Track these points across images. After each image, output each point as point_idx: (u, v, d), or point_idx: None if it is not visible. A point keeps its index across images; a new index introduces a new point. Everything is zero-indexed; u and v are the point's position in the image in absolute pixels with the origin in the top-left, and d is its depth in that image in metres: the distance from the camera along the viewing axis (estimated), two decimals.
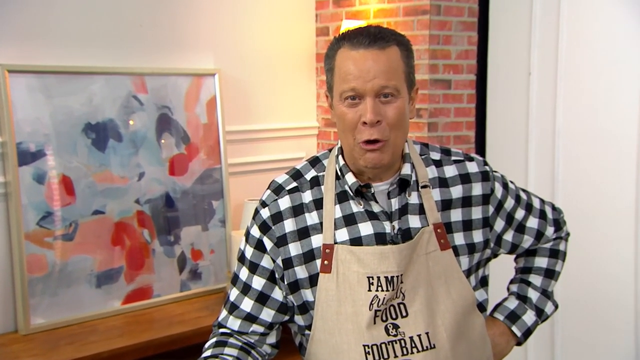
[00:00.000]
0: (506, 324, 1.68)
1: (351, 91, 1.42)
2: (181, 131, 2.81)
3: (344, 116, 1.45)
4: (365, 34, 1.44)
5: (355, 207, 1.50)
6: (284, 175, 1.58)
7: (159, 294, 2.72)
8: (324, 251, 1.48)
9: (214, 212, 2.90)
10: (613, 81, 2.73)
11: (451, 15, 2.97)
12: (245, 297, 1.55)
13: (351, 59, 1.43)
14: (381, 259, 1.47)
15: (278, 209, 1.52)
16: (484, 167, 1.61)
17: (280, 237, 1.51)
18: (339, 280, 1.47)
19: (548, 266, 1.75)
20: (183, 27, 2.90)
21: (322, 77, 3.34)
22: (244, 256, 1.57)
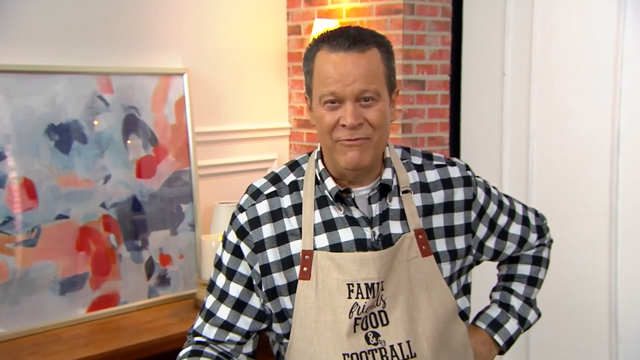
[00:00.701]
0: (488, 333, 1.66)
1: (331, 95, 1.40)
2: (149, 132, 2.75)
3: (322, 119, 1.42)
4: (345, 36, 1.41)
5: (335, 213, 1.48)
6: (262, 180, 1.56)
7: (125, 300, 2.64)
8: (303, 257, 1.46)
9: (183, 216, 2.83)
10: (587, 82, 2.73)
11: (424, 14, 2.95)
12: (222, 304, 1.52)
13: (330, 62, 1.40)
14: (361, 265, 1.44)
15: (256, 214, 1.49)
16: (466, 172, 1.59)
17: (258, 243, 1.48)
18: (318, 288, 1.45)
19: (531, 274, 1.74)
20: (150, 25, 2.83)
21: (294, 76, 3.30)
22: (221, 262, 1.53)
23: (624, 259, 2.68)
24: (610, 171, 2.68)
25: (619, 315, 2.70)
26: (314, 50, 1.44)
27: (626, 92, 2.63)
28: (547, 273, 2.77)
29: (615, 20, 2.63)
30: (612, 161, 2.67)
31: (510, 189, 2.94)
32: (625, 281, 2.68)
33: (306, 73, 1.47)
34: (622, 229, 2.67)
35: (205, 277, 2.67)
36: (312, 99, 1.47)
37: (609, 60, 2.65)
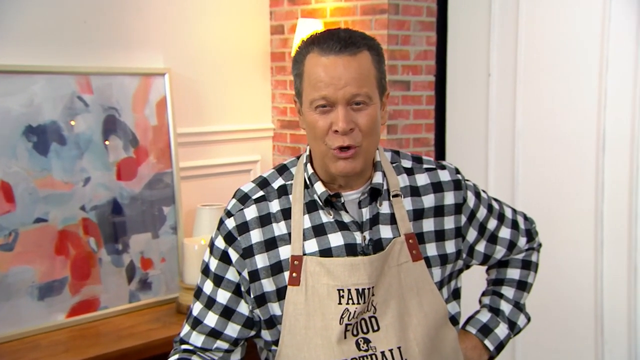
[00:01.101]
0: (479, 338, 1.65)
1: (322, 99, 1.38)
2: (129, 134, 2.71)
3: (314, 124, 1.40)
4: (336, 39, 1.39)
5: (324, 217, 1.46)
6: (250, 184, 1.54)
7: (106, 305, 2.60)
8: (292, 263, 1.44)
9: (165, 219, 2.79)
10: (572, 83, 2.73)
11: (409, 14, 2.94)
12: (210, 311, 1.49)
13: (321, 66, 1.38)
14: (352, 270, 1.42)
15: (244, 219, 1.47)
16: (456, 175, 1.58)
17: (247, 249, 1.46)
18: (307, 293, 1.43)
19: (520, 278, 1.73)
20: (130, 24, 2.79)
21: (277, 76, 3.27)
22: (208, 268, 1.51)
23: (609, 260, 2.68)
24: (595, 172, 2.68)
25: (604, 317, 2.70)
26: (304, 53, 1.42)
27: (611, 93, 2.63)
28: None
29: (600, 22, 2.64)
30: (597, 162, 2.68)
31: (496, 190, 2.93)
32: (610, 283, 2.69)
33: (296, 76, 1.45)
34: (607, 230, 2.68)
35: (188, 281, 2.64)
36: (302, 103, 1.44)
37: (594, 61, 2.66)
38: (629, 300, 2.64)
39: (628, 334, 2.66)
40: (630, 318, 2.65)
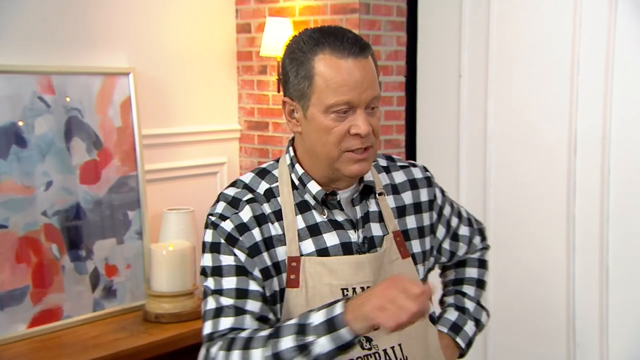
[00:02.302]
0: (450, 336, 1.69)
1: (345, 105, 1.38)
2: (93, 135, 2.65)
3: (329, 129, 1.39)
4: (348, 41, 1.38)
5: (318, 217, 1.47)
6: (234, 188, 1.49)
7: (69, 315, 2.54)
8: (289, 264, 1.42)
9: (130, 224, 2.74)
10: (544, 84, 2.77)
11: (380, 14, 2.94)
12: (248, 299, 1.41)
13: (343, 69, 1.37)
14: (357, 268, 1.44)
15: (241, 221, 1.43)
16: (425, 172, 1.65)
17: (252, 247, 1.42)
18: (308, 295, 1.42)
19: (479, 276, 1.80)
20: (92, 22, 2.73)
21: (244, 76, 3.24)
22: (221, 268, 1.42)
23: (581, 262, 2.72)
24: (567, 174, 2.72)
25: (576, 319, 2.75)
26: (310, 53, 1.39)
27: (583, 95, 2.67)
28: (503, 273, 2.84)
29: (572, 23, 2.68)
30: (569, 163, 2.72)
31: (468, 192, 2.96)
32: (582, 285, 2.73)
33: (302, 78, 1.40)
34: (579, 232, 2.72)
35: (156, 288, 2.60)
36: (307, 106, 1.41)
37: (566, 63, 2.70)
38: (601, 302, 2.69)
39: (600, 337, 2.71)
40: (602, 321, 2.70)
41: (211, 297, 1.43)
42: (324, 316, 1.29)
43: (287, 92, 1.45)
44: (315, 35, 1.41)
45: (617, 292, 2.67)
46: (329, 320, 1.28)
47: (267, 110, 3.18)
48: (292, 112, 1.45)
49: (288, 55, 1.44)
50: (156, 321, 2.55)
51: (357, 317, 1.27)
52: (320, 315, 1.30)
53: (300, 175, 1.47)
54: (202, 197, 3.12)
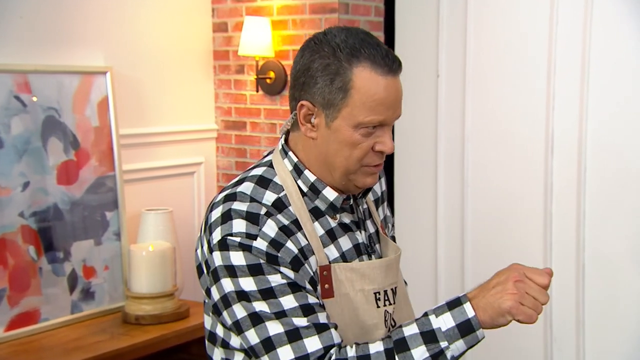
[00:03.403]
0: None
1: (378, 123, 1.34)
2: (70, 135, 2.63)
3: (356, 144, 1.34)
4: (386, 53, 1.33)
5: (331, 222, 1.43)
6: (241, 203, 1.35)
7: (47, 317, 2.52)
8: (321, 274, 1.36)
9: (108, 224, 2.73)
10: (521, 85, 2.82)
11: (359, 14, 2.97)
12: (317, 314, 1.31)
13: (382, 87, 1.32)
14: (387, 271, 1.44)
15: (271, 236, 1.31)
16: None
17: (293, 261, 1.32)
18: (342, 304, 1.37)
19: None
20: (69, 21, 2.71)
21: (221, 76, 3.24)
22: (271, 289, 1.30)
23: (558, 260, 2.78)
24: (544, 174, 2.78)
25: (553, 316, 2.80)
26: (348, 63, 1.32)
27: (559, 96, 2.73)
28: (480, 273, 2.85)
29: (548, 24, 2.73)
30: (546, 164, 2.77)
31: (446, 192, 3.00)
32: (559, 282, 2.78)
33: (337, 89, 1.33)
34: (556, 231, 2.78)
35: (136, 289, 2.59)
36: (335, 117, 1.35)
37: (543, 64, 2.75)
38: (577, 299, 2.75)
39: (576, 332, 2.77)
40: (579, 317, 2.76)
41: (273, 321, 1.29)
42: (453, 320, 1.27)
43: (309, 95, 1.36)
44: (350, 41, 1.33)
45: (593, 289, 2.74)
46: (462, 324, 1.27)
47: (244, 109, 3.18)
48: (310, 116, 1.37)
49: (317, 59, 1.35)
50: (136, 323, 2.54)
51: (494, 316, 1.27)
52: (448, 319, 1.27)
53: (312, 182, 1.41)
54: (180, 197, 3.12)
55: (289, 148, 1.44)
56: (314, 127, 1.38)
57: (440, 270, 3.06)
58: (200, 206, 3.21)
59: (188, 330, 2.55)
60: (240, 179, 1.42)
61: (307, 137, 1.40)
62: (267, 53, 2.97)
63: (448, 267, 3.04)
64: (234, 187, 1.39)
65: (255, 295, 1.30)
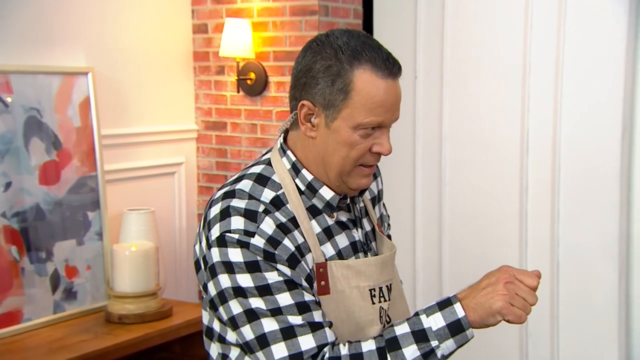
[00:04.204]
0: None
1: (377, 124, 1.36)
2: (52, 136, 2.63)
3: (354, 145, 1.36)
4: (387, 57, 1.35)
5: (328, 220, 1.45)
6: (239, 200, 1.36)
7: (29, 317, 2.51)
8: (317, 271, 1.38)
9: (90, 224, 2.73)
10: (497, 86, 2.87)
11: (338, 16, 3.01)
12: (312, 312, 1.33)
13: (382, 90, 1.34)
14: (383, 268, 1.45)
15: (269, 234, 1.33)
16: None
17: (290, 259, 1.34)
18: (338, 300, 1.39)
19: None
20: (50, 21, 2.70)
21: (201, 77, 3.25)
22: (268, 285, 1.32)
23: (533, 257, 2.85)
24: (520, 173, 2.84)
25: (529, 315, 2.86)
26: (350, 65, 1.33)
27: (534, 97, 2.79)
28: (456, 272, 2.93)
29: (523, 27, 2.79)
30: (522, 163, 2.83)
31: (424, 191, 3.04)
32: None
33: (338, 90, 1.34)
34: (531, 229, 2.84)
35: (119, 289, 2.59)
36: (335, 117, 1.36)
37: (518, 65, 2.81)
38: (552, 295, 2.82)
39: (550, 327, 2.84)
40: (553, 311, 2.83)
41: (269, 318, 1.31)
42: (443, 320, 1.29)
43: (310, 96, 1.38)
44: (352, 44, 1.34)
45: (567, 285, 2.81)
46: (452, 323, 1.29)
47: (225, 110, 3.20)
48: (310, 116, 1.39)
49: (319, 60, 1.36)
50: (119, 322, 2.54)
51: (484, 316, 1.29)
52: (439, 319, 1.30)
53: (310, 181, 1.43)
54: (161, 197, 3.13)
55: (287, 147, 1.45)
56: (314, 126, 1.40)
57: (418, 268, 3.10)
58: (181, 206, 3.22)
59: (172, 329, 2.56)
60: (239, 177, 1.42)
61: (306, 136, 1.41)
62: (248, 54, 3.00)
63: (426, 265, 3.09)
64: (233, 185, 1.40)
65: (252, 291, 1.31)
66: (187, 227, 3.25)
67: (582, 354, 2.80)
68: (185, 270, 3.25)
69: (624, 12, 2.62)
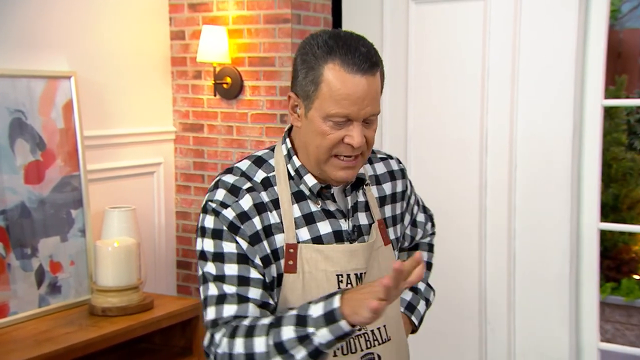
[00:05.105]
0: (406, 314, 1.74)
1: (344, 117, 1.37)
2: (36, 137, 2.59)
3: (324, 135, 1.39)
4: (359, 56, 1.36)
5: (313, 207, 1.47)
6: (232, 175, 1.45)
7: (15, 311, 2.47)
8: (287, 251, 1.43)
9: (73, 222, 2.70)
10: (458, 91, 2.91)
11: (310, 24, 3.02)
12: (250, 287, 1.40)
13: (348, 84, 1.35)
14: (351, 256, 1.46)
15: (242, 209, 1.41)
16: (400, 165, 1.68)
17: (253, 236, 1.41)
18: (305, 280, 1.43)
19: (428, 259, 1.86)
20: (35, 27, 2.67)
21: (178, 81, 3.24)
22: (222, 254, 1.40)
23: (491, 250, 2.89)
24: (479, 170, 2.88)
25: (487, 300, 2.91)
26: (322, 60, 1.37)
27: (492, 99, 2.84)
28: None
29: (482, 35, 2.83)
30: (481, 161, 2.88)
31: None
32: (493, 270, 2.90)
33: (309, 81, 1.39)
34: (490, 223, 2.88)
35: (102, 283, 2.57)
36: (309, 107, 1.41)
37: (477, 70, 2.85)
38: (508, 285, 2.86)
39: (507, 316, 2.88)
40: (510, 300, 2.87)
41: (213, 283, 1.41)
42: (322, 309, 1.29)
43: (294, 88, 1.43)
44: (330, 42, 1.38)
45: (523, 276, 2.85)
46: (327, 313, 1.28)
47: (202, 112, 3.19)
48: (295, 107, 1.44)
49: (301, 55, 1.41)
50: (103, 315, 2.52)
51: (353, 311, 1.28)
52: (319, 308, 1.30)
53: (297, 167, 1.47)
54: (141, 196, 3.11)
55: (288, 135, 1.51)
56: (299, 117, 1.44)
57: None
58: (160, 204, 3.20)
59: (153, 320, 2.54)
60: (245, 157, 1.52)
61: (295, 126, 1.46)
62: (224, 60, 2.99)
63: None
64: (236, 163, 1.50)
65: (209, 256, 1.41)
66: (165, 224, 3.23)
67: (537, 338, 2.85)
68: (164, 265, 3.23)
69: (573, 24, 2.67)
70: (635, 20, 7.99)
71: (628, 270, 5.72)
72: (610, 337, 5.14)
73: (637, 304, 5.26)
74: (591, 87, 2.71)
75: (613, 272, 5.60)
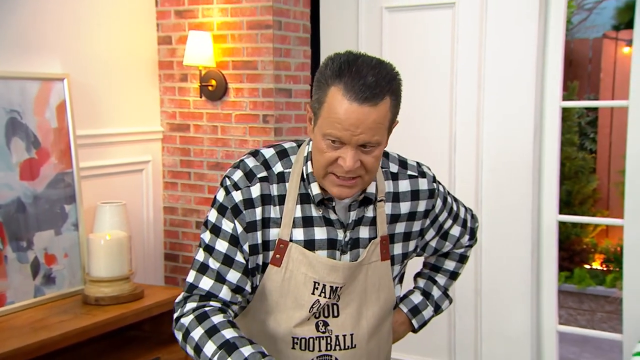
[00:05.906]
0: (408, 317, 1.70)
1: (336, 138, 1.33)
2: (31, 136, 2.55)
3: (322, 151, 1.35)
4: (363, 85, 1.30)
5: (314, 211, 1.44)
6: (254, 160, 1.44)
7: (12, 300, 2.44)
8: (277, 245, 1.43)
9: (67, 216, 2.66)
10: (428, 92, 2.94)
11: (290, 30, 3.02)
12: (231, 269, 1.42)
13: (343, 109, 1.30)
14: (331, 270, 1.44)
15: (250, 196, 1.42)
16: (432, 184, 1.57)
17: (250, 223, 1.42)
18: (285, 276, 1.44)
19: (454, 269, 1.75)
20: (30, 32, 2.63)
21: (165, 83, 3.21)
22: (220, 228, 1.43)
23: None
24: (449, 168, 2.91)
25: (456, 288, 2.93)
26: (330, 81, 1.33)
27: (460, 101, 2.87)
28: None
29: (450, 43, 2.86)
30: (450, 159, 2.91)
31: None
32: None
33: (316, 99, 1.36)
34: None
35: (95, 274, 2.54)
36: (316, 123, 1.37)
37: (446, 74, 2.88)
38: (475, 274, 2.90)
39: (474, 301, 2.92)
40: (477, 288, 2.91)
41: (203, 250, 1.45)
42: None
43: (311, 101, 1.40)
44: (344, 66, 1.32)
45: (488, 264, 2.89)
46: None
47: (188, 113, 3.17)
48: (310, 119, 1.41)
49: (319, 72, 1.37)
50: (96, 304, 2.49)
51: None
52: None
53: (308, 172, 1.44)
54: (131, 192, 3.09)
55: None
56: (312, 129, 1.41)
57: None
58: (149, 199, 3.18)
59: (144, 309, 2.53)
60: (273, 145, 1.51)
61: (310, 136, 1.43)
62: (209, 63, 2.98)
63: None
64: (263, 148, 1.49)
65: (209, 226, 1.45)
66: (154, 219, 3.21)
67: (501, 321, 2.89)
68: (152, 257, 3.20)
69: (533, 32, 2.72)
70: (584, 31, 8.15)
71: (580, 260, 5.83)
72: (564, 322, 5.23)
73: (588, 292, 5.37)
74: (550, 90, 2.75)
75: (566, 262, 5.69)
